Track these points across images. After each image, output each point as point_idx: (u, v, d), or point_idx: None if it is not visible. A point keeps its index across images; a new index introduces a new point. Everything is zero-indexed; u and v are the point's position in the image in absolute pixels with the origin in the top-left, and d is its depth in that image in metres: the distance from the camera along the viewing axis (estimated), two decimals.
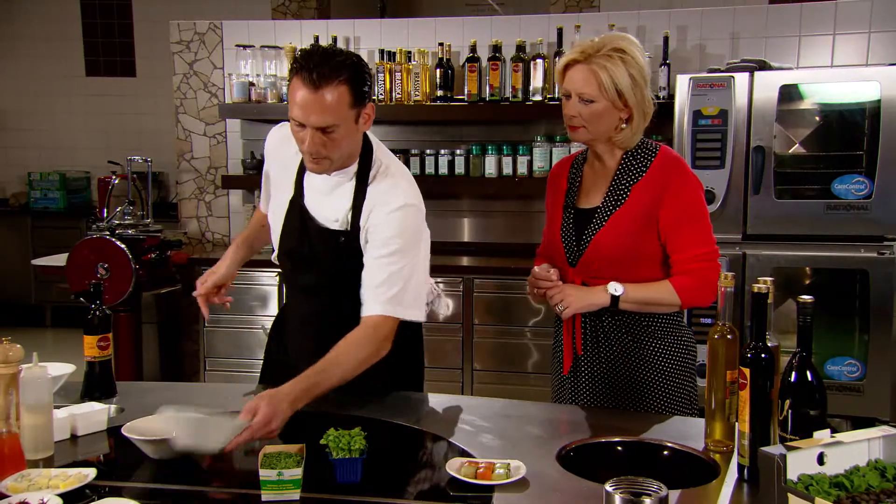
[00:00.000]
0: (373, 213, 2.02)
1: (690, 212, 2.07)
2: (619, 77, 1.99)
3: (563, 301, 2.05)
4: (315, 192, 2.10)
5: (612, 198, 2.10)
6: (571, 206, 2.18)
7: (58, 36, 7.55)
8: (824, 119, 3.82)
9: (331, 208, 2.07)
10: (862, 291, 3.69)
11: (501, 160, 4.55)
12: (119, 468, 1.74)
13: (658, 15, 4.54)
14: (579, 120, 2.06)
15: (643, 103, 2.04)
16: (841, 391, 3.70)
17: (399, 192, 2.03)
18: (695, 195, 2.09)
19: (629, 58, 2.01)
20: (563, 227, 2.16)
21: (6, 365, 1.66)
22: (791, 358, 1.55)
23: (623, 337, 2.11)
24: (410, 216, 2.02)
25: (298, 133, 1.91)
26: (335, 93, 1.85)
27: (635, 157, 2.11)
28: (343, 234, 2.05)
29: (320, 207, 2.09)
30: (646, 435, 1.85)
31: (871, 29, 4.23)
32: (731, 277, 1.70)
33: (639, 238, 2.06)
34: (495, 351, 4.29)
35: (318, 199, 2.09)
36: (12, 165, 7.67)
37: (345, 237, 2.05)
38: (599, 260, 2.08)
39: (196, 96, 5.09)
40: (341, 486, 1.58)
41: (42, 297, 7.01)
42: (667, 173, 2.07)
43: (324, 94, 1.84)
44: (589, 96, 2.03)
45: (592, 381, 2.15)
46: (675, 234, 2.06)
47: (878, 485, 1.35)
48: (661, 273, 2.10)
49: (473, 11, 6.99)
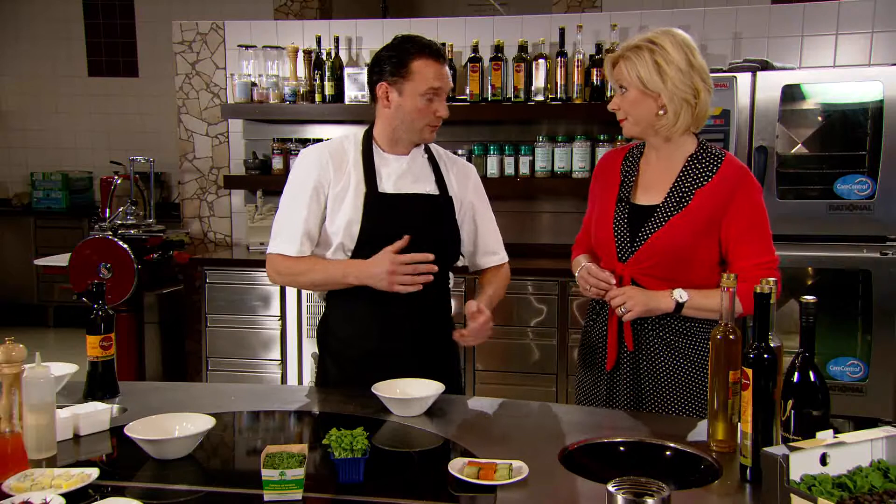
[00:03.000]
0: (462, 183, 2.36)
1: (756, 223, 2.07)
2: (641, 66, 2.04)
3: (627, 304, 2.03)
4: (394, 176, 2.26)
5: (673, 198, 2.09)
6: (626, 199, 2.16)
7: (60, 36, 7.57)
8: (827, 119, 3.81)
9: (417, 181, 2.29)
10: (865, 292, 3.68)
11: (503, 160, 4.55)
12: (122, 468, 1.74)
13: (660, 15, 4.55)
14: (622, 112, 2.11)
15: (675, 90, 2.03)
16: (844, 391, 3.69)
17: (465, 164, 2.47)
18: (759, 206, 2.09)
19: (657, 47, 2.04)
20: (617, 220, 2.14)
21: (9, 365, 1.66)
22: (794, 358, 1.55)
23: (666, 335, 2.10)
24: (480, 181, 2.48)
25: (430, 106, 2.23)
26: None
27: (700, 162, 2.11)
28: (440, 198, 2.30)
29: (407, 185, 2.27)
30: (648, 435, 1.84)
31: (873, 29, 4.22)
32: (733, 278, 1.70)
33: (697, 243, 2.06)
34: (497, 351, 4.29)
35: (402, 180, 2.27)
36: (15, 165, 7.68)
37: (442, 200, 2.30)
38: (652, 259, 2.06)
39: (198, 96, 5.10)
40: (344, 486, 1.58)
41: (45, 297, 7.03)
42: (734, 182, 2.07)
43: (446, 65, 2.28)
44: (622, 84, 2.09)
45: (636, 378, 2.13)
46: (739, 243, 2.06)
47: (881, 485, 1.35)
48: (711, 277, 2.08)
49: (475, 11, 7.00)
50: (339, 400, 2.16)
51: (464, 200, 2.36)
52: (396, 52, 2.20)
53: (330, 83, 4.65)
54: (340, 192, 2.21)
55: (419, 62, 2.18)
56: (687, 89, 2.04)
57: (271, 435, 2.00)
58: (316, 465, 1.69)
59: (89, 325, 2.11)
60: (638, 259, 2.08)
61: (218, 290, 4.57)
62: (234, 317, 4.56)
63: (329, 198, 2.22)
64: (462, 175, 2.39)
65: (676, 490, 1.49)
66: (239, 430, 2.00)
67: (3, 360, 1.66)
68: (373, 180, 2.22)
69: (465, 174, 2.40)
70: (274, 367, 4.57)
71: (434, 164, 2.34)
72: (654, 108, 2.06)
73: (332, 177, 2.22)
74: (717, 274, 2.08)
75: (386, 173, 2.25)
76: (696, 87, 2.05)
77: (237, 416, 2.03)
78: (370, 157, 2.25)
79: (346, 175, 2.23)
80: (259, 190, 4.90)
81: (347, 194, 2.21)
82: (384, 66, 2.20)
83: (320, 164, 2.23)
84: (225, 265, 4.61)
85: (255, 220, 4.87)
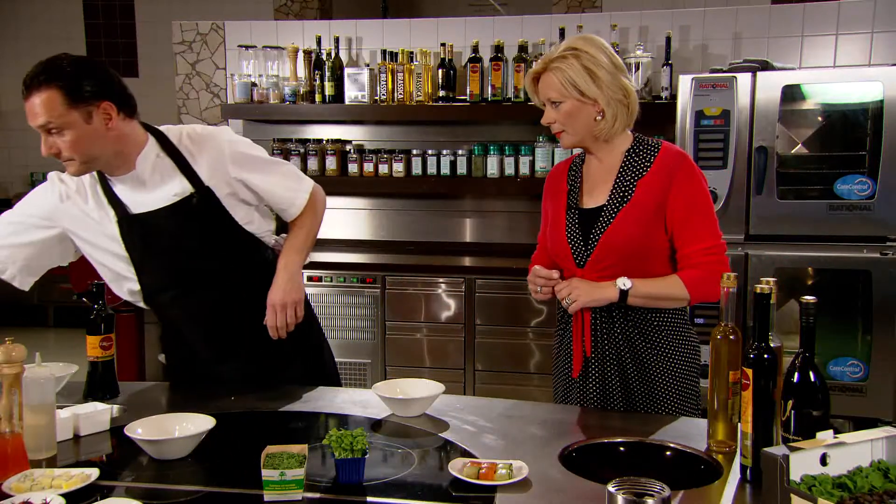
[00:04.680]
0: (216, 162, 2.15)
1: (697, 205, 2.07)
2: (573, 74, 2.02)
3: (571, 295, 2.05)
4: (132, 199, 2.14)
5: (617, 195, 2.10)
6: (575, 206, 2.17)
7: (61, 36, 7.56)
8: (827, 119, 3.81)
9: (162, 194, 2.13)
10: (864, 292, 3.68)
11: (503, 160, 4.55)
12: (122, 468, 1.74)
13: (660, 15, 4.54)
14: (558, 125, 2.10)
15: (610, 93, 2.04)
16: (844, 392, 3.69)
17: (213, 135, 2.20)
18: (700, 189, 2.09)
19: (582, 53, 2.03)
20: (569, 228, 2.15)
21: (9, 365, 1.66)
22: (794, 358, 1.55)
23: (633, 337, 2.11)
24: (237, 140, 2.24)
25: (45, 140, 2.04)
26: (46, 96, 2.04)
27: (637, 154, 2.12)
28: (193, 196, 2.13)
29: (151, 201, 2.13)
30: (648, 435, 1.84)
31: (873, 29, 4.22)
32: (733, 278, 1.70)
33: (648, 234, 2.06)
34: (497, 351, 4.29)
35: (140, 200, 2.14)
36: (15, 165, 7.68)
37: (196, 197, 2.13)
38: (609, 258, 2.07)
39: (198, 97, 5.10)
40: (344, 486, 1.58)
41: (45, 297, 7.03)
42: (672, 167, 2.08)
43: (34, 99, 2.06)
44: (555, 98, 2.07)
45: (602, 382, 2.14)
46: (683, 228, 2.06)
47: (882, 485, 1.35)
48: (670, 269, 2.10)
49: (476, 12, 7.00)
50: (339, 400, 2.16)
51: (230, 182, 2.18)
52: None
53: (330, 83, 4.65)
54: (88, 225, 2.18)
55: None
56: (618, 90, 2.05)
57: (271, 435, 2.00)
58: (316, 466, 1.69)
59: (89, 325, 2.11)
60: (594, 261, 2.09)
61: None
62: None
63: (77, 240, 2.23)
64: (213, 154, 2.17)
65: (676, 490, 1.49)
66: (239, 430, 2.00)
67: (3, 360, 1.66)
68: (119, 205, 2.15)
69: (216, 149, 2.17)
70: None
71: (176, 158, 2.15)
72: (593, 114, 2.07)
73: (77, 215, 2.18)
74: (675, 267, 2.10)
75: (126, 196, 2.16)
76: (625, 87, 2.06)
77: (237, 417, 2.03)
78: (105, 182, 2.17)
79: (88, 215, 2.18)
80: None
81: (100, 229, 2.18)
82: None
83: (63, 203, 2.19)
84: None
85: None
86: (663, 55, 4.34)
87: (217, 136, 2.20)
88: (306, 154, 4.75)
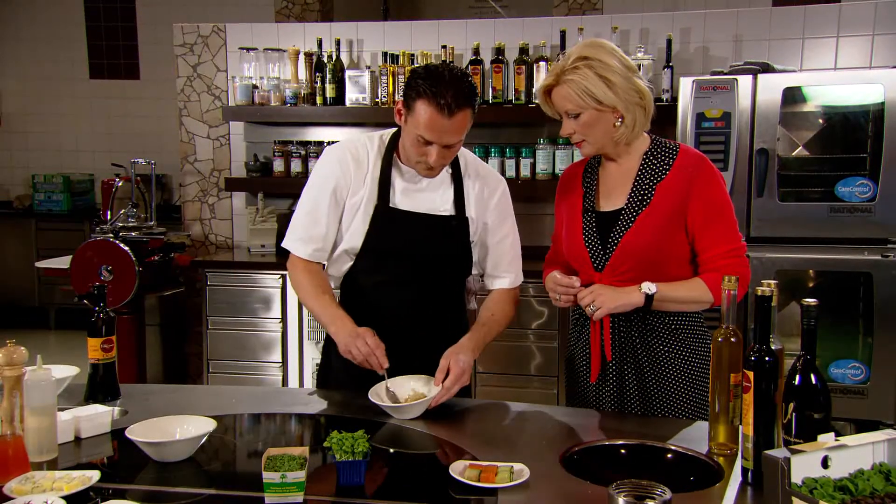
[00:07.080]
0: (481, 202, 2.29)
1: (718, 209, 2.06)
2: (588, 84, 2.00)
3: (596, 301, 2.01)
4: (405, 190, 2.24)
5: (636, 198, 2.08)
6: (591, 209, 2.15)
7: (62, 38, 7.58)
8: (828, 121, 3.82)
9: (430, 200, 2.26)
10: (866, 294, 3.68)
11: (504, 163, 4.55)
12: (123, 470, 1.74)
13: (661, 17, 4.55)
14: (578, 136, 2.08)
15: (626, 97, 2.02)
16: (845, 394, 3.69)
17: (493, 178, 2.35)
18: (720, 192, 2.08)
19: (594, 60, 2.00)
20: (586, 231, 2.12)
21: (11, 367, 1.66)
22: (795, 361, 1.55)
23: (651, 341, 2.09)
24: (508, 195, 2.38)
25: (423, 148, 2.11)
26: (464, 117, 2.08)
27: (656, 157, 2.10)
28: (453, 219, 2.26)
29: (415, 202, 2.24)
30: (649, 438, 1.84)
31: (874, 31, 4.22)
32: (734, 280, 1.70)
33: (667, 237, 2.05)
34: (499, 353, 4.29)
35: (411, 195, 2.25)
36: (16, 167, 7.69)
37: (455, 221, 2.26)
38: (628, 262, 2.05)
39: (199, 99, 5.10)
40: (344, 489, 1.58)
41: (46, 299, 7.03)
42: (692, 170, 2.06)
43: (456, 119, 2.06)
44: (573, 111, 2.05)
45: (620, 386, 2.12)
46: (703, 232, 2.05)
47: (883, 488, 1.35)
48: (689, 273, 2.08)
49: (476, 14, 7.02)
50: (340, 402, 2.16)
51: (479, 221, 2.30)
52: (414, 79, 2.09)
53: (331, 85, 4.66)
54: (356, 201, 2.23)
55: (421, 104, 2.06)
56: (634, 93, 2.03)
57: (272, 437, 2.00)
58: (317, 468, 1.69)
59: (90, 327, 2.11)
60: (613, 265, 2.07)
61: (219, 293, 4.57)
62: (235, 319, 4.56)
63: (346, 203, 2.24)
64: (485, 194, 2.30)
65: (677, 493, 1.49)
66: (240, 432, 2.00)
67: (5, 362, 1.66)
68: (385, 193, 2.22)
69: (489, 192, 2.31)
70: (275, 369, 4.57)
71: (457, 180, 2.28)
72: (612, 120, 2.04)
73: (352, 182, 2.23)
74: (693, 271, 2.09)
75: (401, 187, 2.24)
76: (640, 88, 2.04)
77: (238, 419, 2.03)
78: (388, 167, 2.24)
79: (363, 183, 2.23)
80: (260, 192, 4.91)
81: (361, 203, 2.22)
82: (409, 83, 2.11)
83: (341, 167, 2.24)
84: (226, 267, 4.62)
85: (256, 222, 4.88)
86: (664, 57, 4.34)
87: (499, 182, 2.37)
88: (307, 156, 4.75)
